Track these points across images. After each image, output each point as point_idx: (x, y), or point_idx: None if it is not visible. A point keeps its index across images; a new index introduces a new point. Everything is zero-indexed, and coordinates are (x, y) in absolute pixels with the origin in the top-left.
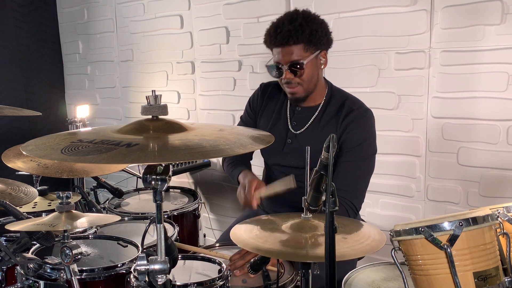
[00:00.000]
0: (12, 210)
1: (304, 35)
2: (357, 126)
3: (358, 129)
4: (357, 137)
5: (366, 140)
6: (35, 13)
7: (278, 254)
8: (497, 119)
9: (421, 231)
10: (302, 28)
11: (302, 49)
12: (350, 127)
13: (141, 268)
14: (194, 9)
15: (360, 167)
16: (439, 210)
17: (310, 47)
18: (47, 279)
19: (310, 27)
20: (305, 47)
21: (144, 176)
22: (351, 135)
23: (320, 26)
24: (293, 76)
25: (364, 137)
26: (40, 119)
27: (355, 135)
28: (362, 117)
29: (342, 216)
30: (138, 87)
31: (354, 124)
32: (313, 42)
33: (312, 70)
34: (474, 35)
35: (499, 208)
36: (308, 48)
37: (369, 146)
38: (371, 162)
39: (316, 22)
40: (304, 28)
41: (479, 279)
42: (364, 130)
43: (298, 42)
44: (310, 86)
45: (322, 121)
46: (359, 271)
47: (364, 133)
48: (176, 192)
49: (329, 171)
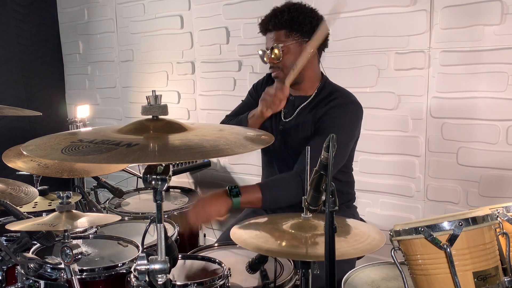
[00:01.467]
0: (12, 210)
1: (284, 20)
2: (333, 112)
3: (334, 115)
4: (331, 120)
5: (339, 126)
6: (35, 13)
7: (278, 254)
8: (497, 119)
9: (421, 231)
10: (282, 14)
11: (284, 35)
12: (328, 111)
13: (141, 268)
14: (194, 9)
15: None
16: (439, 210)
17: (292, 33)
18: (48, 279)
19: (291, 14)
20: (287, 33)
21: (144, 176)
22: (325, 119)
23: (304, 14)
24: (273, 60)
25: (339, 123)
26: (40, 119)
27: (330, 118)
28: (342, 105)
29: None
30: (138, 87)
31: (333, 110)
32: (294, 28)
33: (293, 56)
34: (474, 35)
35: (499, 208)
36: (290, 34)
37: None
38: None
39: (300, 10)
40: (284, 14)
41: (479, 279)
42: (339, 117)
43: (278, 28)
44: (291, 71)
45: (311, 110)
46: (359, 270)
47: (340, 120)
48: (176, 192)
49: (329, 171)
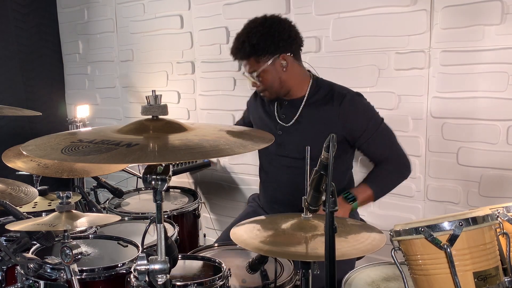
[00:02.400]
0: (12, 210)
1: (246, 51)
2: (354, 111)
3: (358, 113)
4: (362, 120)
5: (372, 118)
6: (35, 13)
7: (278, 254)
8: (497, 119)
9: (421, 231)
10: (243, 45)
11: (254, 61)
12: (351, 114)
13: (141, 268)
14: (194, 9)
15: (384, 134)
16: (439, 210)
17: (260, 57)
18: (47, 279)
19: (250, 42)
20: (256, 59)
21: (144, 176)
22: (356, 121)
23: (265, 33)
24: (256, 84)
25: (368, 117)
26: (40, 119)
27: (359, 120)
28: (355, 100)
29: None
30: (138, 87)
31: (352, 110)
32: (259, 52)
33: (272, 76)
34: (474, 35)
35: (499, 208)
36: (260, 59)
37: (374, 119)
38: (387, 128)
39: (259, 33)
40: (245, 45)
41: (479, 279)
42: (364, 111)
43: (245, 58)
44: (275, 89)
45: (311, 110)
46: (359, 271)
47: (366, 113)
48: (176, 192)
49: (329, 171)
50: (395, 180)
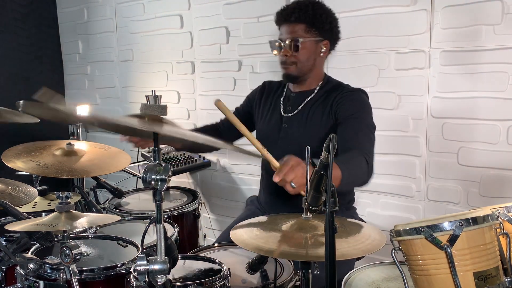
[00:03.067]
0: (12, 210)
1: (307, 15)
2: (349, 100)
3: (351, 102)
4: (351, 109)
5: (360, 111)
6: (35, 13)
7: (278, 254)
8: (497, 119)
9: (421, 231)
10: (307, 9)
11: (303, 29)
12: (343, 101)
13: (141, 268)
14: (194, 9)
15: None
16: (439, 210)
17: (312, 30)
18: (47, 279)
19: (314, 10)
20: (307, 28)
21: (144, 176)
22: (345, 107)
23: (326, 14)
24: (290, 52)
25: (358, 108)
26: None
27: (349, 107)
28: (354, 93)
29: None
30: (138, 87)
31: (347, 98)
32: (315, 25)
33: (309, 52)
34: (474, 35)
35: (499, 208)
36: (310, 30)
37: (364, 117)
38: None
39: (323, 8)
40: (308, 9)
41: (479, 279)
42: (357, 103)
43: (300, 21)
44: (304, 67)
45: (316, 103)
46: (359, 271)
47: (358, 105)
48: (176, 192)
49: (329, 171)
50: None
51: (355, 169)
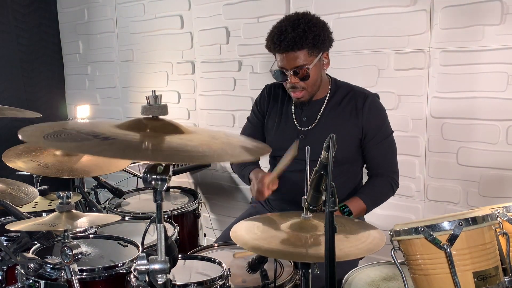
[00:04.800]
0: (12, 210)
1: (308, 40)
2: (376, 112)
3: (377, 115)
4: (378, 122)
5: (385, 123)
6: (35, 13)
7: (278, 254)
8: (497, 119)
9: (421, 231)
10: (306, 35)
11: (306, 54)
12: (371, 114)
13: (141, 268)
14: (194, 9)
15: (389, 146)
16: (439, 210)
17: (314, 51)
18: (48, 278)
19: (313, 32)
20: (309, 52)
21: (144, 176)
22: (373, 121)
23: (322, 29)
24: (298, 81)
25: (383, 120)
26: (40, 119)
27: (376, 121)
28: (376, 102)
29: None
30: (138, 87)
31: (373, 110)
32: (316, 46)
33: (317, 73)
34: (474, 35)
35: (499, 208)
36: (312, 52)
37: (388, 127)
38: (394, 141)
39: (318, 25)
40: (307, 34)
41: (479, 279)
42: (381, 115)
43: (302, 48)
44: (314, 88)
45: (333, 111)
46: (359, 270)
47: (382, 117)
48: (176, 192)
49: (329, 171)
50: (385, 195)
51: (380, 197)
